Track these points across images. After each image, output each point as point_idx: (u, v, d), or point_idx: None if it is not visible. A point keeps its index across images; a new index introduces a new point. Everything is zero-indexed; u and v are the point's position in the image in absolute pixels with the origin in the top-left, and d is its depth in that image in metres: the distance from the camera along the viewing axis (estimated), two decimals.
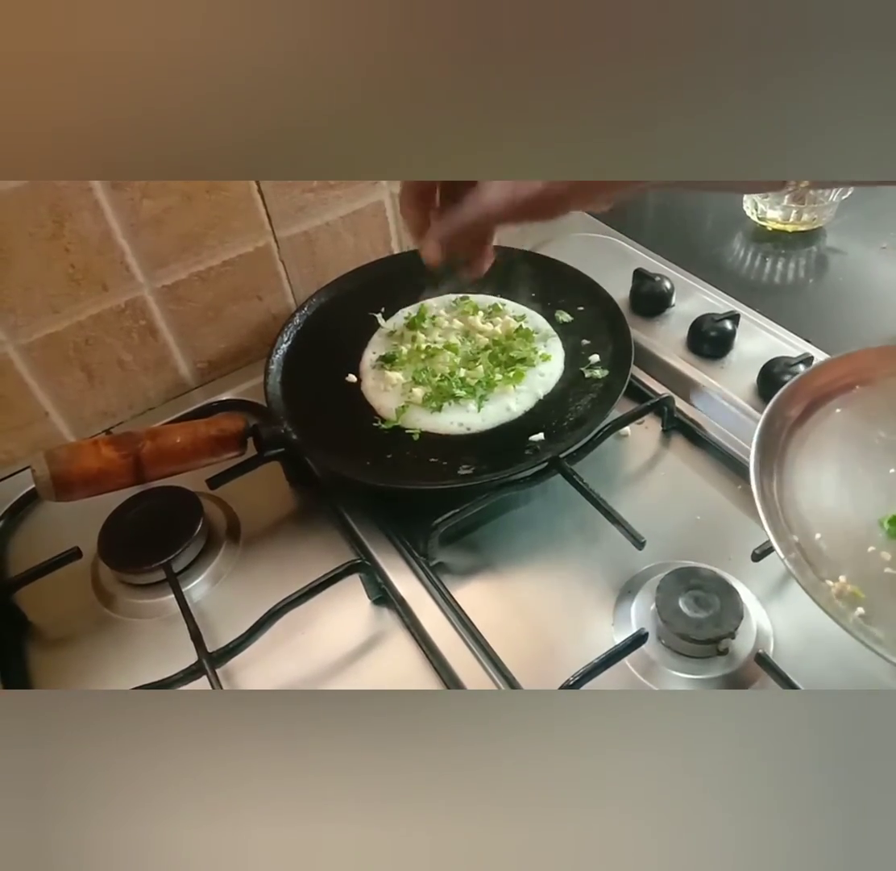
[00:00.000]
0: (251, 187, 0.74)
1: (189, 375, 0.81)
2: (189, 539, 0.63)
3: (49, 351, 0.71)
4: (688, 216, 0.99)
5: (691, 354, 0.76)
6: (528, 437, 0.66)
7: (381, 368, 0.73)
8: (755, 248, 0.92)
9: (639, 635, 0.54)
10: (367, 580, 0.60)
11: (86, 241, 0.68)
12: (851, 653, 0.55)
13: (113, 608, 0.64)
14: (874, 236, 0.91)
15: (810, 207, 0.93)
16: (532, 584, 0.62)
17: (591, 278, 0.78)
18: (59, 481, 0.57)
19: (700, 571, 0.57)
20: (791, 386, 0.62)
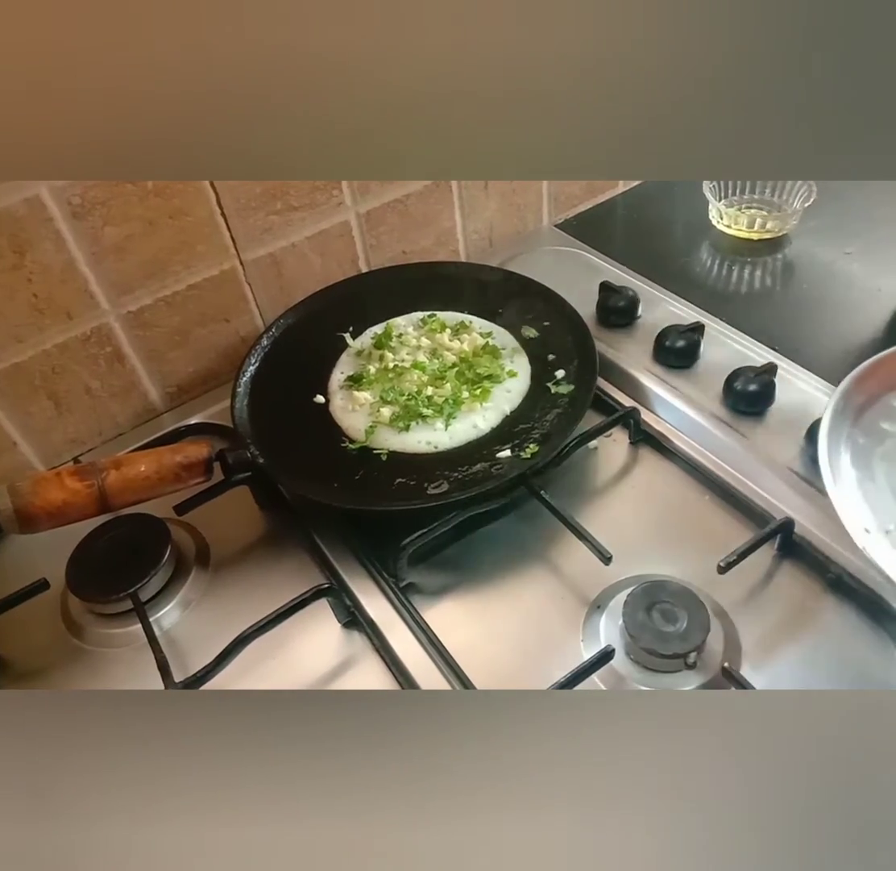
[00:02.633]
0: (214, 211, 0.74)
1: (158, 400, 0.81)
2: (157, 567, 0.63)
3: (15, 381, 0.71)
4: (654, 227, 1.00)
5: (657, 366, 0.76)
6: (495, 454, 0.66)
7: (349, 389, 0.73)
8: (721, 257, 0.93)
9: (605, 652, 0.54)
10: (335, 604, 0.60)
11: (48, 270, 0.68)
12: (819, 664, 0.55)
13: (83, 639, 0.63)
14: (839, 242, 0.92)
15: (775, 215, 0.93)
16: (502, 601, 0.62)
17: (556, 293, 0.79)
18: (22, 515, 0.57)
19: (667, 584, 0.57)
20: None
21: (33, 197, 0.64)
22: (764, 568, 0.61)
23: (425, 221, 0.90)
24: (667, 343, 0.76)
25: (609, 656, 0.54)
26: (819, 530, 0.61)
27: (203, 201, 0.73)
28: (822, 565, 0.60)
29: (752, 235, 0.94)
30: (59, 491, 0.58)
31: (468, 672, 0.55)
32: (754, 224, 0.93)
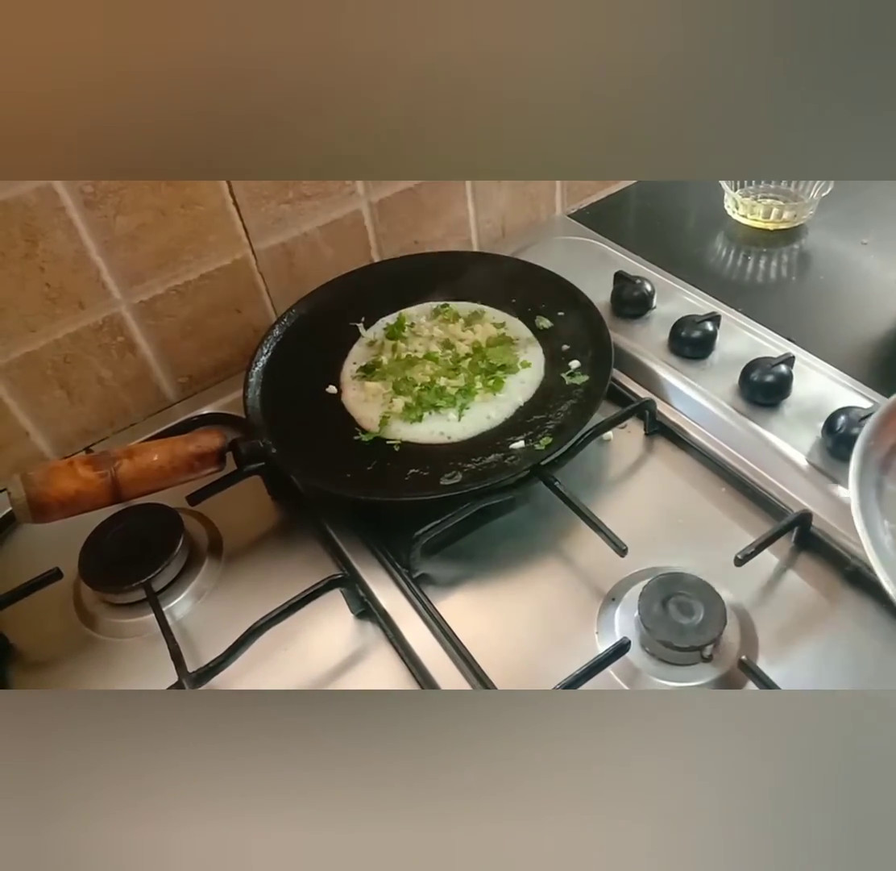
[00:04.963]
0: (226, 201, 0.74)
1: (170, 391, 0.80)
2: (170, 557, 0.63)
3: (27, 370, 0.71)
4: (669, 217, 0.99)
5: (673, 357, 0.75)
6: (509, 445, 0.66)
7: (362, 379, 0.73)
8: (736, 247, 0.92)
9: (621, 645, 0.53)
10: (348, 595, 0.60)
11: (60, 259, 0.68)
12: (836, 658, 0.55)
13: (95, 629, 0.63)
14: (855, 233, 0.91)
15: (791, 205, 0.92)
16: (516, 593, 0.62)
17: (570, 283, 0.78)
18: (35, 504, 0.57)
19: (683, 577, 0.57)
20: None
21: (45, 186, 0.64)
22: (781, 561, 0.61)
23: (437, 210, 0.89)
24: (682, 334, 0.75)
25: (625, 648, 0.54)
26: (836, 522, 0.61)
27: (215, 191, 0.73)
28: (839, 558, 0.59)
29: (767, 225, 0.93)
30: (71, 480, 0.58)
31: (482, 664, 0.55)
32: (770, 214, 0.92)
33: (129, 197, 0.68)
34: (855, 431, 0.62)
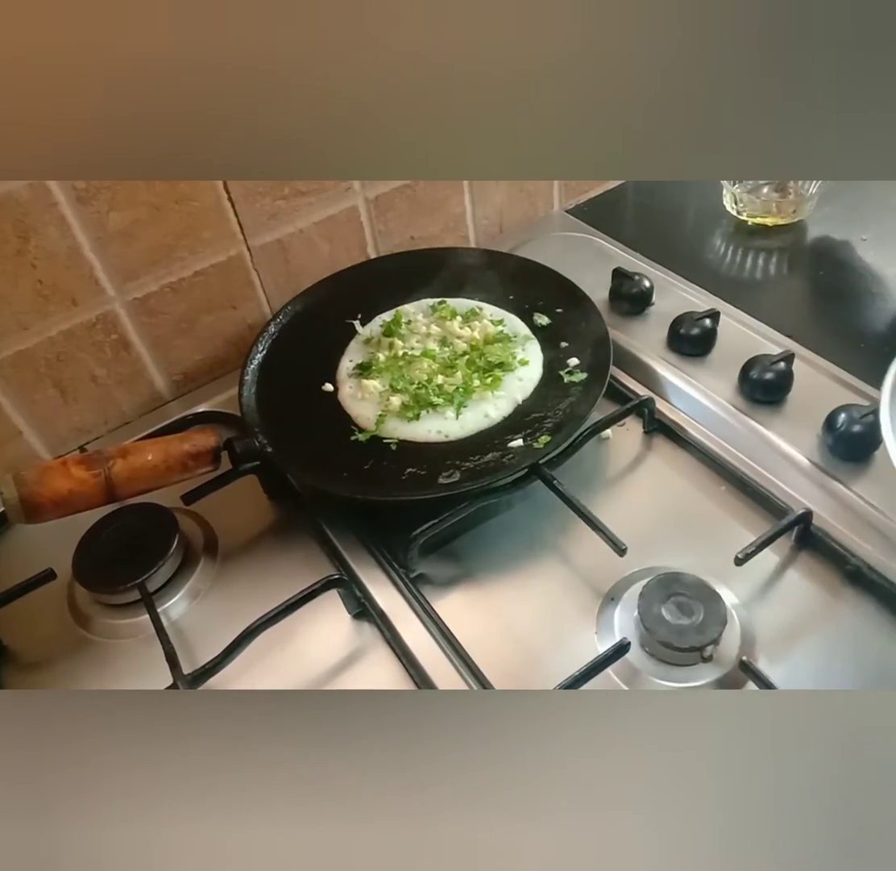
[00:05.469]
0: (221, 197, 0.73)
1: (164, 388, 0.80)
2: (164, 557, 0.62)
3: (19, 368, 0.70)
4: (667, 213, 0.98)
5: (672, 354, 0.75)
6: (507, 443, 0.65)
7: (359, 377, 0.72)
8: (735, 243, 0.91)
9: (620, 645, 0.53)
10: (345, 595, 0.59)
11: (53, 256, 0.67)
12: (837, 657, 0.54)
13: (89, 630, 0.62)
14: (855, 229, 0.90)
15: (790, 201, 0.92)
16: (514, 592, 0.61)
17: (569, 280, 0.77)
18: (27, 504, 0.56)
19: (683, 576, 0.56)
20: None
21: (38, 182, 0.63)
22: (781, 560, 0.60)
23: (434, 206, 0.89)
24: (681, 331, 0.74)
25: (625, 648, 0.53)
26: (838, 521, 0.60)
27: (210, 187, 0.72)
28: (840, 557, 0.59)
29: (767, 220, 0.92)
30: (65, 480, 0.57)
31: (480, 664, 0.55)
32: (769, 210, 0.91)
33: (122, 193, 0.67)
34: (855, 428, 0.62)
